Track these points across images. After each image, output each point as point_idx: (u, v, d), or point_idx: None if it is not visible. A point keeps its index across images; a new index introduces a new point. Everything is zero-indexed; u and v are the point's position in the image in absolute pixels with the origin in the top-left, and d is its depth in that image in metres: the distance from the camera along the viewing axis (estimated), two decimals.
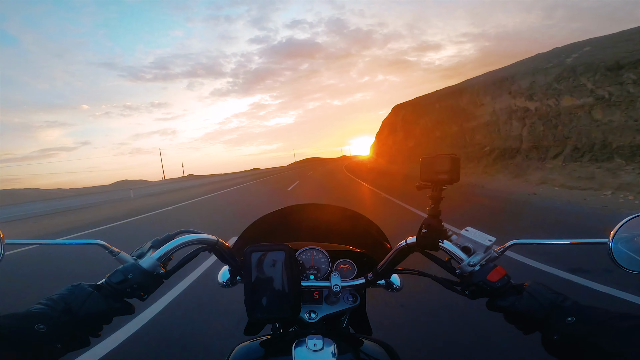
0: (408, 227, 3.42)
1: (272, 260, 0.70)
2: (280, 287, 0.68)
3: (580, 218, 5.33)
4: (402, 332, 2.30)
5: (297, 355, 0.59)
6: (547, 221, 5.36)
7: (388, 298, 2.65)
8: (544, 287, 0.55)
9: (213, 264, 3.86)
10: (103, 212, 12.72)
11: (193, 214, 10.00)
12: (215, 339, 2.36)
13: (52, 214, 14.32)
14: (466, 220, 2.84)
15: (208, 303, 2.94)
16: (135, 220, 9.45)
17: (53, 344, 0.47)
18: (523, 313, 0.53)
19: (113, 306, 0.55)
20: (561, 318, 0.49)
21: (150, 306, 2.88)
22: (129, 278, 0.56)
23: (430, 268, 0.71)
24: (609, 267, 2.20)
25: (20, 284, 3.97)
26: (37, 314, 0.48)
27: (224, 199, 13.66)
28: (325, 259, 0.88)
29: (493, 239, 0.62)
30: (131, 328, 2.52)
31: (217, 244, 0.69)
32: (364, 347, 0.69)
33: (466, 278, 0.61)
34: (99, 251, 0.60)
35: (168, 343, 2.37)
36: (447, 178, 0.59)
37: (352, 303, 0.82)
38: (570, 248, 3.34)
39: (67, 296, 0.53)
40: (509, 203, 7.22)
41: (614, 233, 0.57)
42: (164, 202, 14.39)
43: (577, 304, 0.51)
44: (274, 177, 29.76)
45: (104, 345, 2.29)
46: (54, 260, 5.08)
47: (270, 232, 0.99)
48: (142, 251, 0.62)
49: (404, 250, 0.69)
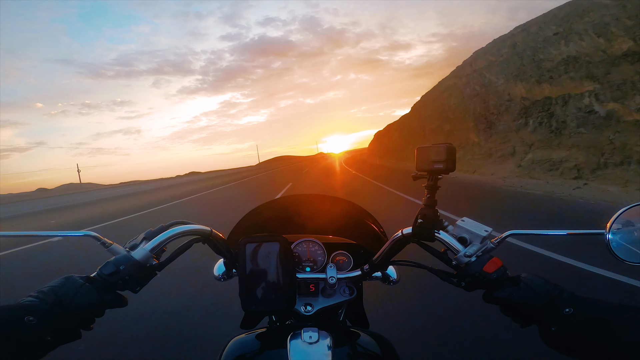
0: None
1: (267, 252, 0.69)
2: (275, 279, 0.68)
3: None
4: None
5: (292, 348, 0.59)
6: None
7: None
8: (541, 279, 0.55)
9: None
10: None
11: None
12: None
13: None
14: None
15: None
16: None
17: (43, 336, 0.47)
18: (520, 305, 0.53)
19: (105, 298, 0.54)
20: (559, 309, 0.49)
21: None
22: (121, 270, 0.55)
23: (426, 260, 0.70)
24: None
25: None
26: (27, 306, 0.47)
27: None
28: (321, 251, 0.88)
29: (489, 229, 0.61)
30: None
31: (211, 235, 0.68)
32: (360, 340, 0.69)
33: (462, 269, 0.60)
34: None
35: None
36: (443, 168, 0.58)
37: (349, 295, 0.81)
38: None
39: (58, 288, 0.52)
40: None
41: (611, 224, 0.57)
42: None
43: (575, 295, 0.50)
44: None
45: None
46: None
47: (265, 224, 0.99)
48: (135, 243, 0.61)
49: (400, 241, 0.69)
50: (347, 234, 0.99)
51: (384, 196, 8.84)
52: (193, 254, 0.68)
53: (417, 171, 0.63)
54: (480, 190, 8.57)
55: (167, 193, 19.92)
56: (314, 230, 0.99)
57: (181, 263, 0.68)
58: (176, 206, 12.42)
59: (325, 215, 1.00)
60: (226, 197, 13.15)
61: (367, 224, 0.97)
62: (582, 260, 3.05)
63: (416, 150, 0.62)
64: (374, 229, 0.95)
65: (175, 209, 11.57)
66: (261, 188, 15.82)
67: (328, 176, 18.59)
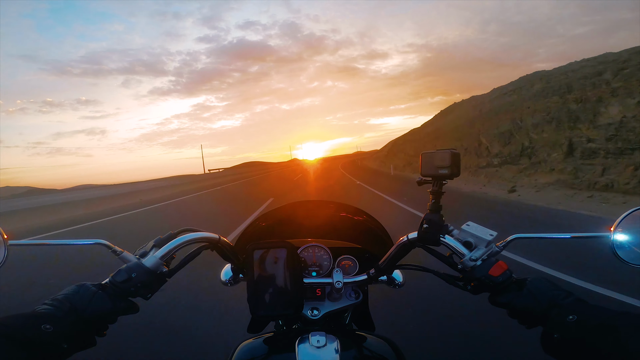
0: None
1: (274, 258, 0.70)
2: (282, 284, 0.69)
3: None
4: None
5: (300, 352, 0.60)
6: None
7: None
8: (547, 283, 0.54)
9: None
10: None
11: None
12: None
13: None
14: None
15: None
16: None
17: (60, 344, 0.47)
18: (520, 310, 0.53)
19: (118, 305, 0.55)
20: (562, 316, 0.48)
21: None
22: (133, 277, 0.56)
23: (431, 264, 0.71)
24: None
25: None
26: (43, 314, 0.48)
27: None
28: (327, 256, 0.88)
29: (495, 233, 0.62)
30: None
31: (219, 242, 0.69)
32: (367, 343, 0.69)
33: (468, 273, 0.61)
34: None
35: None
36: (448, 173, 0.59)
37: (355, 299, 0.82)
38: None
39: (72, 296, 0.53)
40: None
41: (615, 226, 0.57)
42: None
43: (580, 302, 0.50)
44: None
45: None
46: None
47: (271, 230, 1.00)
48: (145, 250, 0.62)
49: (405, 245, 0.69)
50: (352, 238, 1.00)
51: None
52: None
53: (421, 176, 0.64)
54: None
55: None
56: (319, 235, 1.00)
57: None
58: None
59: (330, 220, 1.01)
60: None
61: (371, 228, 0.98)
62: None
63: (420, 156, 0.62)
64: (378, 233, 0.96)
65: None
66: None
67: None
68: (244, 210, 8.59)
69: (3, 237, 0.53)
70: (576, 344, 0.45)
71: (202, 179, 34.83)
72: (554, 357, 0.49)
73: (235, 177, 30.80)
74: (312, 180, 19.49)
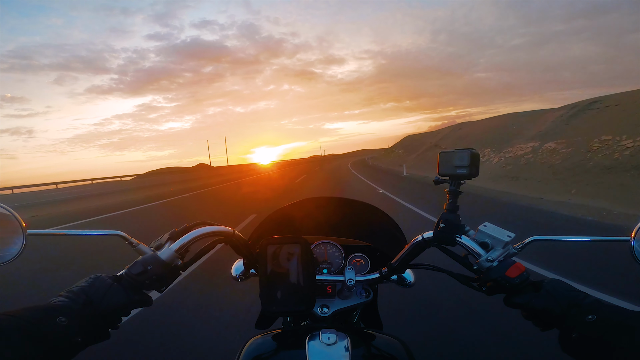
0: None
1: (288, 254, 0.70)
2: (295, 281, 0.68)
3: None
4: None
5: (310, 349, 0.60)
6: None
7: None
8: (564, 285, 0.54)
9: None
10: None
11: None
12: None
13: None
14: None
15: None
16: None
17: (74, 337, 0.46)
18: (540, 310, 0.53)
19: (133, 298, 0.54)
20: (581, 316, 0.48)
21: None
22: (149, 269, 0.56)
23: (444, 263, 0.70)
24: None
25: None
26: (58, 307, 0.47)
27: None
28: (339, 253, 0.88)
29: (512, 234, 0.61)
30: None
31: (234, 236, 0.69)
32: (377, 342, 0.69)
33: (484, 274, 0.60)
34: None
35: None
36: (467, 173, 0.58)
37: (365, 298, 0.82)
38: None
39: (88, 288, 0.52)
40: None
41: (637, 230, 0.56)
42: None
43: (599, 302, 0.50)
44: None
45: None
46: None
47: (285, 225, 0.99)
48: (160, 242, 0.61)
49: (420, 245, 0.69)
50: (364, 236, 0.99)
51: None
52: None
53: (438, 176, 0.63)
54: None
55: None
56: (331, 233, 0.99)
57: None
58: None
59: (342, 217, 1.01)
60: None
61: (383, 226, 0.97)
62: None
63: (438, 155, 0.62)
64: (391, 231, 0.95)
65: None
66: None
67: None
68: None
69: (22, 227, 0.54)
70: (595, 343, 0.45)
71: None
72: (572, 357, 0.48)
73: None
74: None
